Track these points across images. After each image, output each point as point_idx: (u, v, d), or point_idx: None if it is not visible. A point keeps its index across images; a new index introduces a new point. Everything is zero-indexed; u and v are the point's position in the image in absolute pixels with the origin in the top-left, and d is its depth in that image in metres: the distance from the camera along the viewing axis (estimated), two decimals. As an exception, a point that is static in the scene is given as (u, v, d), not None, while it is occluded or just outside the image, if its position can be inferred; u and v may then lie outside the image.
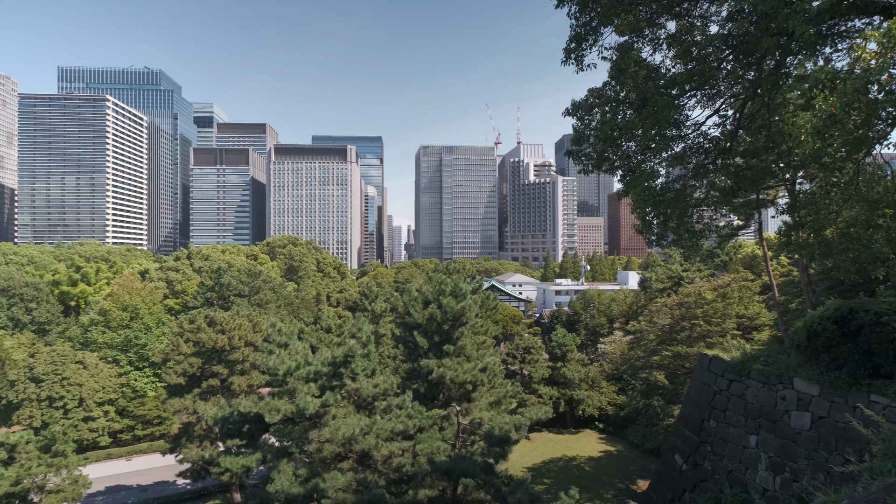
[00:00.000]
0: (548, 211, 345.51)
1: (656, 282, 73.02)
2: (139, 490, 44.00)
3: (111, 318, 61.80)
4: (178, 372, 37.00)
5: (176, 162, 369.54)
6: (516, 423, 25.99)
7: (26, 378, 47.29)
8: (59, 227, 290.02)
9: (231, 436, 30.00)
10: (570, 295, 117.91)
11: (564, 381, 52.24)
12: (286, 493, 23.74)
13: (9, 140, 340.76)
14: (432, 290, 31.67)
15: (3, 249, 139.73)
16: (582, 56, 19.23)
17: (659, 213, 20.30)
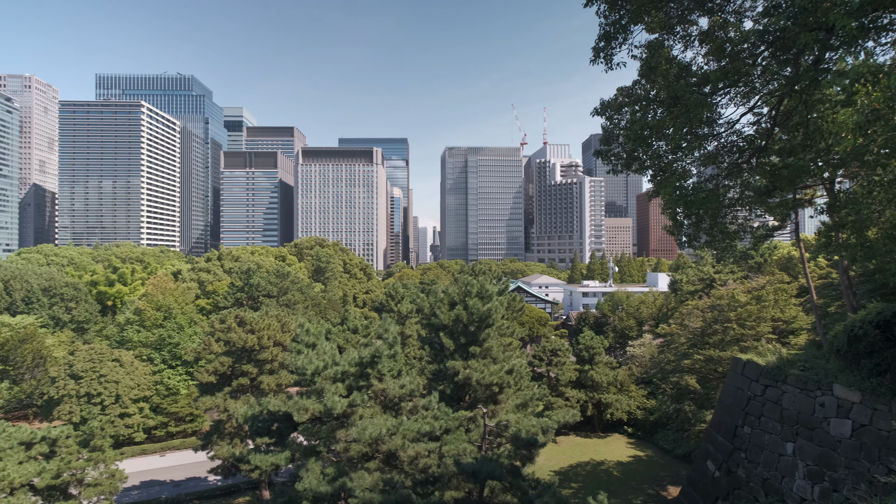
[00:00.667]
0: (575, 212, 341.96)
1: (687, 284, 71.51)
2: (172, 485, 45.10)
3: (146, 318, 63.56)
4: (210, 370, 37.77)
5: (207, 165, 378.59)
6: (543, 426, 25.76)
7: (66, 375, 48.95)
8: (96, 230, 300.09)
9: (260, 434, 30.55)
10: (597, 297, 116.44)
11: (592, 385, 51.53)
12: (314, 491, 24.02)
13: (50, 146, 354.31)
14: (458, 291, 31.65)
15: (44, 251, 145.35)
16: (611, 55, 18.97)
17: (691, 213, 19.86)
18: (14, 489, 27.83)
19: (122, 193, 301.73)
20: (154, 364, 56.91)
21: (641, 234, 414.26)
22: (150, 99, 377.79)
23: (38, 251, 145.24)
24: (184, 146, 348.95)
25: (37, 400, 57.56)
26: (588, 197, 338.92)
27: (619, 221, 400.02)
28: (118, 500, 38.84)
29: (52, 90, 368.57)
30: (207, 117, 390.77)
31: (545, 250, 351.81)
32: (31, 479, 28.86)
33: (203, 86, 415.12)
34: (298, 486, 24.13)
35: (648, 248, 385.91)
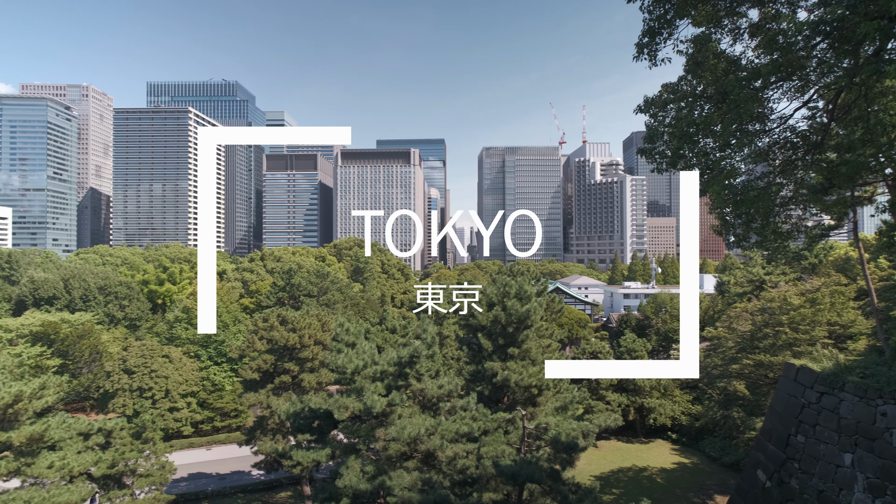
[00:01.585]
0: (615, 211, 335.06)
1: (735, 286, 68.92)
2: (218, 478, 46.60)
3: (193, 316, 65.90)
4: (253, 368, 38.84)
5: (250, 168, 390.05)
6: (584, 430, 25.31)
7: (120, 369, 51.26)
8: (147, 231, 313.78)
9: (302, 430, 31.18)
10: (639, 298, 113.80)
11: (634, 388, 50.35)
12: (354, 488, 24.33)
13: (105, 151, 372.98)
14: (496, 291, 31.46)
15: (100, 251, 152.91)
16: (656, 51, 18.50)
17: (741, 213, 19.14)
18: (73, 477, 29.32)
19: (171, 196, 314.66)
20: (201, 360, 58.92)
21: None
22: (197, 105, 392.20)
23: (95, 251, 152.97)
24: (228, 150, 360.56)
25: (93, 393, 60.48)
26: (629, 196, 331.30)
27: (662, 221, 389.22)
28: (167, 490, 40.34)
29: (108, 98, 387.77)
30: (250, 121, 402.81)
31: (584, 251, 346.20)
32: (89, 468, 30.37)
33: (246, 91, 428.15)
34: (339, 482, 24.49)
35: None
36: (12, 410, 26.71)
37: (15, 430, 26.66)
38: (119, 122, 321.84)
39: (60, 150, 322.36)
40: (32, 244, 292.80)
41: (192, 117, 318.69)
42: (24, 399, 27.05)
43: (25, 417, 27.67)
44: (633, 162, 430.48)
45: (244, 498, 42.30)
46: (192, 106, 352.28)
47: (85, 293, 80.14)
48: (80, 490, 28.20)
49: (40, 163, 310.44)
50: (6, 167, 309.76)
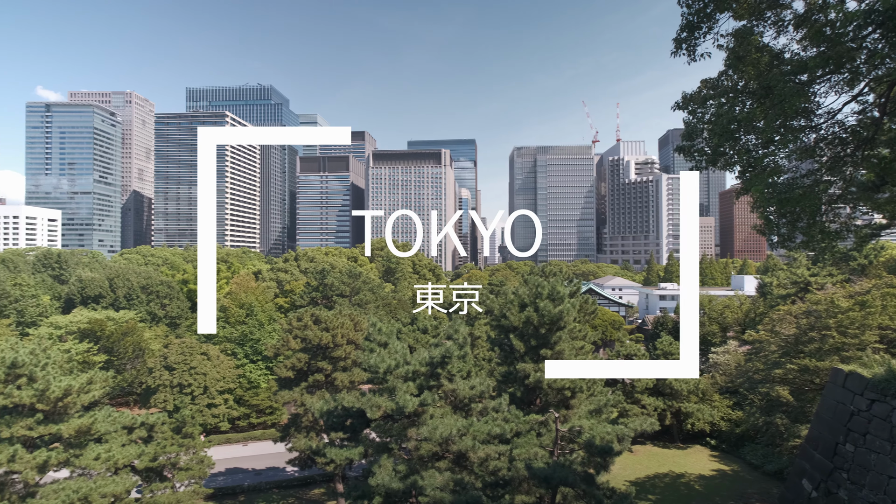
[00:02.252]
0: (650, 211, 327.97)
1: (778, 287, 66.46)
2: (254, 473, 47.65)
3: (230, 315, 67.62)
4: (288, 366, 39.53)
5: (284, 170, 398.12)
6: (619, 434, 24.84)
7: (161, 366, 52.99)
8: (186, 232, 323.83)
9: (335, 429, 31.55)
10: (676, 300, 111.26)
11: (671, 392, 49.10)
12: (386, 487, 24.47)
13: (147, 155, 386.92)
14: (528, 292, 31.21)
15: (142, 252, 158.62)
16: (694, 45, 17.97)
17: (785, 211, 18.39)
18: (118, 469, 30.43)
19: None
20: (237, 358, 60.37)
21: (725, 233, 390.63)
22: (234, 109, 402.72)
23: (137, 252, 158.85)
24: (263, 152, 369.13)
25: (136, 388, 62.72)
26: (665, 195, 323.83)
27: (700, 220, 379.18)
28: (205, 484, 41.44)
29: (149, 104, 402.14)
30: (284, 124, 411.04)
31: (618, 251, 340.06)
32: (133, 460, 31.47)
33: (281, 95, 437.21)
34: (371, 481, 24.67)
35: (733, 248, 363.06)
36: (62, 404, 27.88)
37: (64, 422, 27.83)
38: (160, 127, 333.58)
39: (106, 155, 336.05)
40: (80, 245, 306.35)
41: (229, 121, 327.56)
42: (73, 393, 28.20)
43: (74, 410, 28.85)
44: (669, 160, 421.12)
45: (279, 494, 43.10)
46: (228, 110, 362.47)
47: (129, 292, 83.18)
48: (124, 482, 29.25)
49: (87, 167, 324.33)
50: (56, 171, 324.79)
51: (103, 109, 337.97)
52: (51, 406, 27.45)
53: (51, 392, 26.93)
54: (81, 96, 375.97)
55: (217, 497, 41.25)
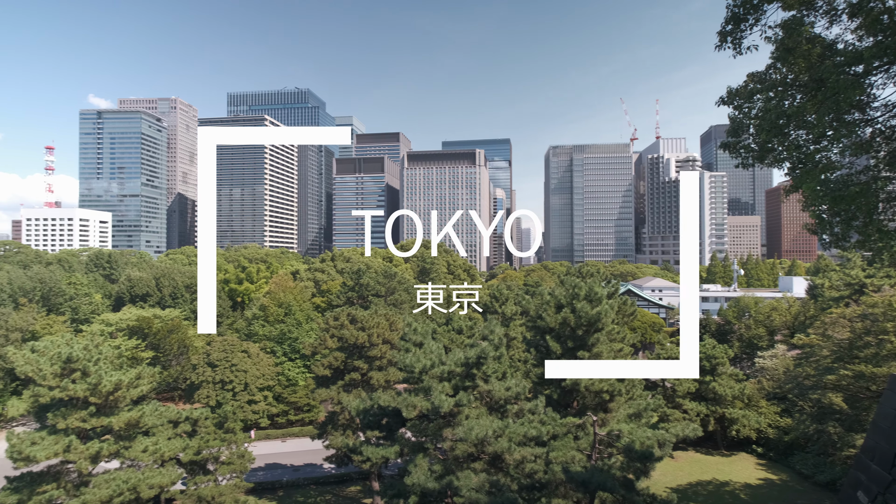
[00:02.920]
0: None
1: (830, 289, 63.45)
2: (292, 469, 48.61)
3: (269, 314, 69.23)
4: (325, 364, 40.16)
5: (321, 172, 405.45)
6: (660, 439, 24.21)
7: (204, 363, 54.69)
8: (227, 233, 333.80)
9: (371, 427, 31.85)
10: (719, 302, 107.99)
11: (714, 397, 47.51)
12: (422, 486, 24.53)
13: (191, 159, 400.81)
14: (565, 293, 30.76)
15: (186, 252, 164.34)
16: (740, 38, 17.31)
17: (839, 210, 17.49)
18: (164, 461, 31.56)
19: (249, 200, 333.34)
20: (276, 356, 61.74)
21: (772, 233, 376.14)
22: (272, 113, 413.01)
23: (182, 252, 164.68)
24: (300, 155, 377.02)
25: (181, 384, 64.95)
26: (708, 193, 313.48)
27: (745, 220, 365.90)
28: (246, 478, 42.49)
29: (193, 110, 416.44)
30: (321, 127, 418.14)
31: (658, 251, 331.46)
32: (178, 453, 32.59)
33: (317, 98, 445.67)
34: (407, 480, 24.78)
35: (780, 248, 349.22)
36: (113, 397, 29.08)
37: (115, 415, 29.02)
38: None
39: (152, 159, 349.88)
40: (128, 245, 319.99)
41: (268, 125, 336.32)
42: (123, 387, 29.37)
43: (124, 404, 30.06)
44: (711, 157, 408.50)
45: (317, 490, 43.83)
46: (267, 114, 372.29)
47: (174, 291, 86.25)
48: (170, 474, 30.30)
49: (135, 171, 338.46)
50: (107, 175, 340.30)
51: (150, 115, 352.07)
52: (102, 399, 28.66)
53: (102, 386, 28.12)
54: (130, 103, 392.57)
55: (257, 491, 42.24)
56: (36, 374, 27.98)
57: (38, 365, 28.23)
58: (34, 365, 28.21)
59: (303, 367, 61.04)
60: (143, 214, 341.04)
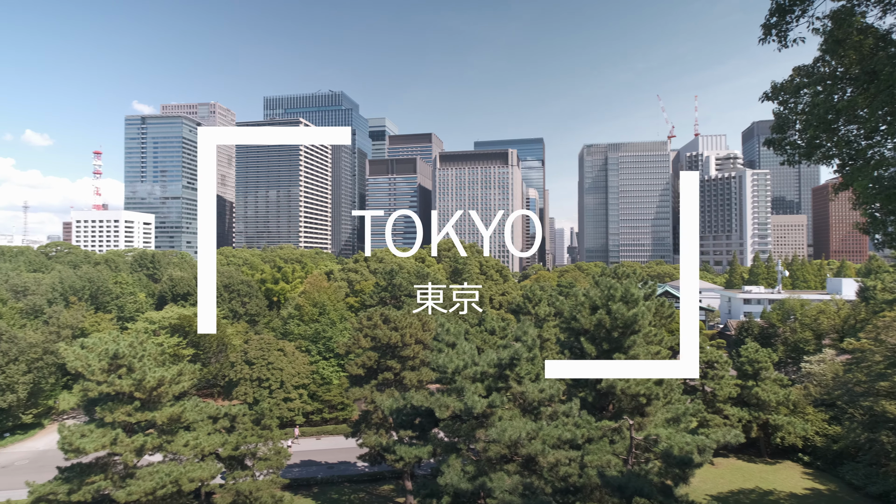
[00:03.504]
0: (733, 209, 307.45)
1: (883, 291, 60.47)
2: (326, 466, 49.30)
3: (304, 313, 70.44)
4: (358, 364, 40.60)
5: (354, 173, 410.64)
6: (699, 445, 23.54)
7: (242, 361, 56.04)
8: (264, 234, 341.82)
9: (404, 426, 32.01)
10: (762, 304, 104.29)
11: (757, 403, 45.86)
12: (455, 487, 24.50)
13: (229, 162, 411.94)
14: (600, 294, 30.22)
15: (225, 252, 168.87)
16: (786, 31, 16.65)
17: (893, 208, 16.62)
18: (205, 456, 32.48)
19: (284, 201, 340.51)
20: (311, 355, 62.76)
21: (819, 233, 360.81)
22: (307, 115, 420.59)
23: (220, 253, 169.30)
24: (334, 157, 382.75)
25: (220, 381, 66.74)
26: (750, 192, 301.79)
27: (790, 219, 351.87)
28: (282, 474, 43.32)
29: (231, 114, 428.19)
30: (355, 129, 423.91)
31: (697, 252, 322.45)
32: (217, 448, 33.47)
33: (351, 100, 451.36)
34: (440, 480, 24.79)
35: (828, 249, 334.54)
36: (156, 393, 30.11)
37: (158, 410, 30.04)
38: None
39: (193, 162, 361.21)
40: (170, 246, 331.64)
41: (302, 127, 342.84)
42: (166, 383, 30.38)
43: (166, 400, 31.08)
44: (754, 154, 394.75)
45: (350, 488, 44.33)
46: (302, 117, 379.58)
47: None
48: (210, 468, 31.17)
49: (176, 174, 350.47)
50: (150, 178, 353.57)
51: (190, 120, 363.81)
52: (146, 394, 29.70)
53: (147, 382, 29.16)
54: (171, 108, 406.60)
55: (293, 487, 43.03)
56: (85, 369, 29.22)
57: (87, 361, 29.47)
58: (83, 361, 29.47)
59: (337, 366, 61.86)
60: (183, 216, 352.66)
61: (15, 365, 53.52)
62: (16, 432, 56.07)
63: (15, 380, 53.03)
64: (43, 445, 53.47)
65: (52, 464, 35.81)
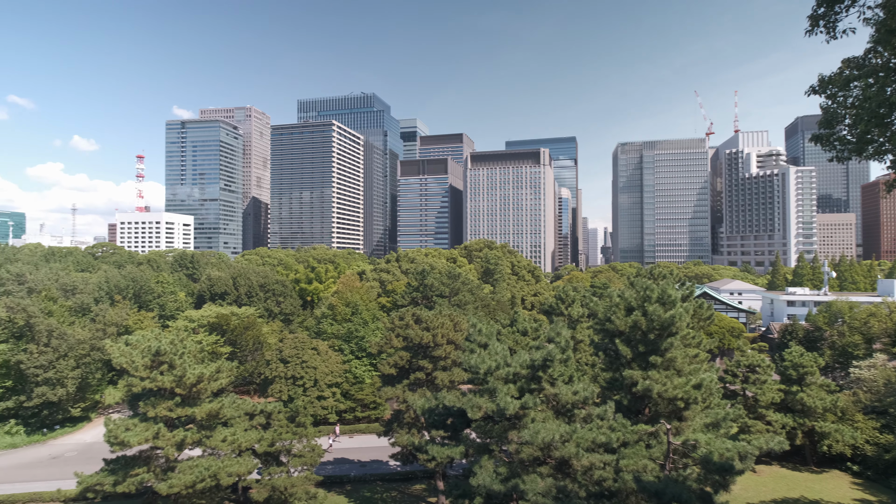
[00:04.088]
0: (775, 207, 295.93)
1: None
2: (359, 465, 49.78)
3: (337, 313, 71.39)
4: (390, 363, 40.85)
5: (385, 174, 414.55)
6: (741, 451, 22.76)
7: (277, 359, 57.16)
8: (298, 234, 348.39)
9: (436, 426, 32.03)
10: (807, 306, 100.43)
11: (802, 409, 44.07)
12: (487, 488, 24.38)
13: (264, 164, 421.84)
14: (636, 295, 29.57)
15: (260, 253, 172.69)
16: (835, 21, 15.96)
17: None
18: (242, 451, 33.23)
19: (318, 202, 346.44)
20: (344, 354, 63.53)
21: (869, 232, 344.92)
22: (340, 118, 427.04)
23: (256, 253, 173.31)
24: (366, 158, 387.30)
25: (255, 378, 68.23)
26: (793, 189, 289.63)
27: (837, 217, 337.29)
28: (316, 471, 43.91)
29: (265, 117, 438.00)
30: (386, 130, 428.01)
31: (737, 252, 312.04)
32: (253, 444, 34.21)
33: (382, 101, 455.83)
34: (472, 481, 24.71)
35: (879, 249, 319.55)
36: (195, 389, 30.98)
37: (197, 405, 30.90)
38: (275, 138, 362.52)
39: (230, 165, 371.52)
40: (208, 246, 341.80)
41: (336, 129, 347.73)
42: (205, 380, 31.23)
43: (205, 396, 31.94)
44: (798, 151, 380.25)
45: (383, 486, 44.65)
46: (335, 119, 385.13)
47: (249, 290, 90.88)
48: (247, 463, 31.88)
49: (214, 176, 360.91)
50: (189, 181, 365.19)
51: (227, 124, 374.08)
52: (186, 390, 30.60)
53: (187, 378, 30.03)
54: (209, 113, 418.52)
55: (326, 485, 43.60)
56: (129, 365, 30.30)
57: (131, 357, 30.55)
58: (128, 357, 30.56)
59: (369, 366, 62.43)
60: (221, 217, 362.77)
61: (65, 360, 55.99)
62: (65, 425, 58.65)
63: (65, 375, 55.48)
64: (90, 438, 55.75)
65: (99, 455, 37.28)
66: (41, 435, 55.76)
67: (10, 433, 54.85)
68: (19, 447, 53.30)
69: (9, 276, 72.16)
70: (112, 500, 38.31)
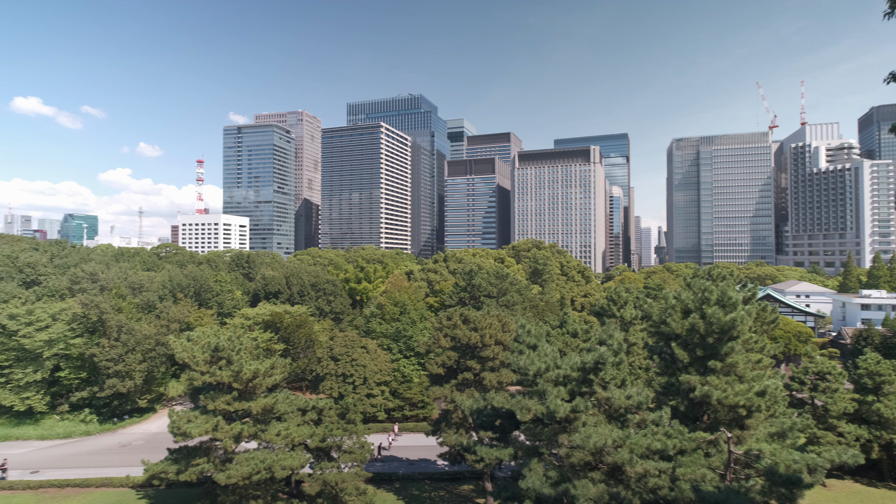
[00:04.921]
0: (847, 204, 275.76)
1: None
2: (407, 463, 50.12)
3: (386, 312, 72.24)
4: (438, 363, 40.89)
5: (433, 174, 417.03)
6: (810, 463, 21.36)
7: (328, 357, 58.39)
8: (347, 235, 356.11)
9: (484, 427, 31.79)
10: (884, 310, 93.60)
11: (879, 420, 41.00)
12: (537, 491, 23.93)
13: (315, 167, 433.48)
14: (693, 297, 28.30)
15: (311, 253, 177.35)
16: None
17: None
18: (294, 446, 34.09)
19: (366, 203, 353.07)
20: (392, 353, 64.20)
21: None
22: (388, 119, 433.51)
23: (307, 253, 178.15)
24: (414, 158, 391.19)
25: (307, 375, 69.97)
26: (868, 185, 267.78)
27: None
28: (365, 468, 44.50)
29: (316, 121, 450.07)
30: (433, 131, 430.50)
31: (804, 252, 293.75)
32: (306, 439, 35.04)
33: (429, 103, 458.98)
34: (522, 484, 24.32)
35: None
36: (251, 384, 32.02)
37: (253, 400, 31.93)
38: (325, 141, 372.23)
39: (282, 168, 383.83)
40: (262, 247, 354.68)
41: (384, 131, 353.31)
42: (260, 376, 32.22)
43: (260, 391, 32.98)
44: (873, 143, 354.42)
45: (431, 485, 44.74)
46: (383, 121, 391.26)
47: (301, 289, 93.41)
48: (299, 457, 32.67)
49: (268, 179, 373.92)
50: (245, 184, 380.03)
51: (280, 128, 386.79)
52: (243, 385, 31.67)
53: (243, 374, 31.08)
54: (263, 118, 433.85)
55: (375, 481, 44.10)
56: (191, 360, 31.65)
57: (192, 352, 31.91)
58: (189, 352, 31.94)
59: (417, 365, 62.81)
60: (274, 219, 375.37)
61: (133, 354, 59.35)
62: (133, 415, 62.18)
63: (133, 368, 58.81)
64: (155, 428, 58.81)
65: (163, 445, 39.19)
66: (112, 424, 59.32)
67: (85, 421, 58.69)
68: (93, 434, 56.95)
69: (84, 274, 77.17)
70: (175, 487, 40.24)
